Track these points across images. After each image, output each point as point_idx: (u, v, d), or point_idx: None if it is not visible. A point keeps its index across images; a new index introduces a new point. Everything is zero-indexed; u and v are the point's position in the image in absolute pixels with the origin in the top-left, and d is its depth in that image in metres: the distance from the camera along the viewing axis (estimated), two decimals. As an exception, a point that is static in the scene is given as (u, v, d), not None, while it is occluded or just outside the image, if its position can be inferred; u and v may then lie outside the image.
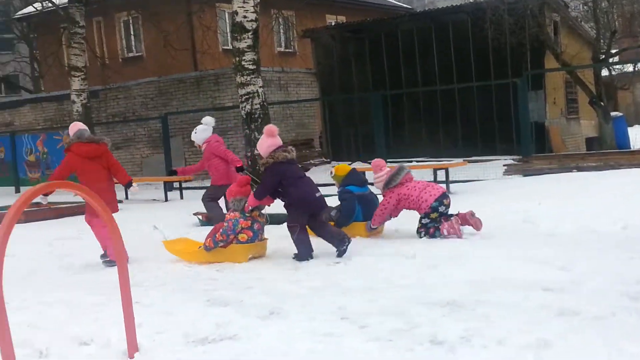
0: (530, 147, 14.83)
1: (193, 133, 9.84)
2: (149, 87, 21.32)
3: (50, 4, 20.77)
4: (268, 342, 4.03)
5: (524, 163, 14.19)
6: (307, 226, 6.83)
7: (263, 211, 7.16)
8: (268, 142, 6.69)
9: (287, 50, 25.74)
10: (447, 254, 6.24)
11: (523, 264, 5.66)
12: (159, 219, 10.37)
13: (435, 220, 7.27)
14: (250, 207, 6.84)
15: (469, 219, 7.27)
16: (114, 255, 6.83)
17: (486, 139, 18.54)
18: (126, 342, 4.06)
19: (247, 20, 13.91)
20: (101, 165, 7.57)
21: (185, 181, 15.95)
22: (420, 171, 13.20)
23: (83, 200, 7.34)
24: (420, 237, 7.28)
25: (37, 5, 24.12)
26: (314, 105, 21.25)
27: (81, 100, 17.73)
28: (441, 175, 11.80)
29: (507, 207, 8.75)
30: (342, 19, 26.39)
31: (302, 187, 6.69)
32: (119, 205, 8.08)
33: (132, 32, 25.22)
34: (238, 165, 9.40)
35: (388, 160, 14.97)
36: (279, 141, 6.71)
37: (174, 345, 4.15)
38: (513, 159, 15.89)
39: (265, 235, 7.13)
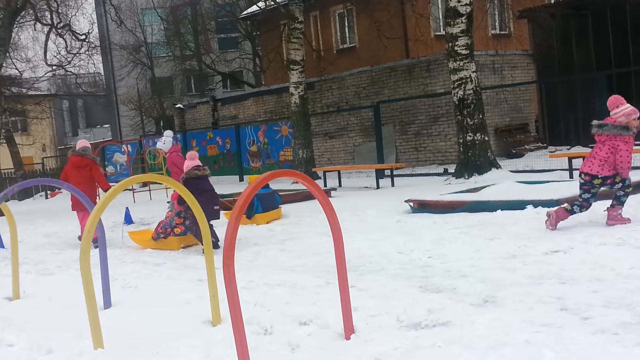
0: None
1: (162, 143, 12.03)
2: (361, 76, 21.79)
3: (272, 2, 21.96)
4: (483, 330, 3.94)
5: None
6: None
7: None
8: (188, 163, 8.69)
9: (501, 32, 24.92)
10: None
11: None
12: (371, 206, 10.59)
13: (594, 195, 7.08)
14: (176, 210, 8.66)
15: None
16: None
17: None
18: (343, 324, 4.19)
19: (461, 5, 13.67)
20: (83, 174, 9.77)
21: (397, 168, 16.10)
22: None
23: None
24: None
25: (261, 4, 25.64)
26: (529, 89, 20.37)
27: (299, 92, 18.58)
28: (676, 160, 10.76)
29: None
30: (561, -5, 24.98)
31: (203, 199, 7.92)
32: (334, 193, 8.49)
33: (346, 24, 25.91)
34: None
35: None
36: (196, 162, 8.69)
37: (388, 329, 4.22)
38: None
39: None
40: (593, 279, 4.88)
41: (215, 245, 8.01)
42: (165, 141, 12.01)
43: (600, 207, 8.09)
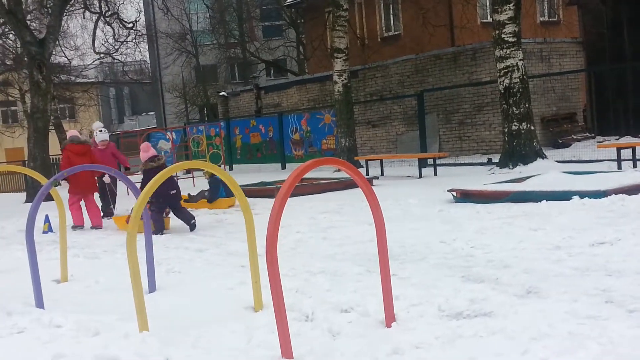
0: None
1: (103, 133, 12.31)
2: (405, 64, 21.63)
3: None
4: (526, 321, 3.90)
5: None
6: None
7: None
8: (144, 155, 9.54)
9: (550, 19, 24.45)
10: None
11: None
12: (413, 195, 10.57)
13: None
14: None
15: None
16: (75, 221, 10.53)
17: None
18: (384, 312, 4.20)
19: (509, -9, 13.46)
20: (85, 160, 10.45)
21: (440, 157, 15.98)
22: None
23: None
24: None
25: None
26: (578, 77, 19.97)
27: (342, 81, 18.54)
28: None
29: None
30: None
31: (161, 186, 8.38)
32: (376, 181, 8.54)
33: (391, 12, 25.72)
34: (127, 166, 12.91)
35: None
36: (152, 153, 9.59)
37: (429, 318, 4.21)
38: None
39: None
40: (640, 272, 4.79)
41: (191, 221, 9.29)
42: (105, 131, 12.51)
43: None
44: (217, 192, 11.70)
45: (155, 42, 39.88)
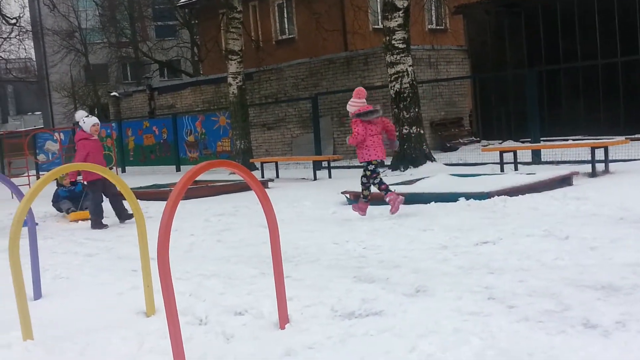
0: None
1: (90, 117, 10.08)
2: (300, 68, 21.82)
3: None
4: (414, 319, 4.04)
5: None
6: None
7: None
8: None
9: (438, 27, 25.34)
10: (605, 236, 5.93)
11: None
12: (307, 198, 10.69)
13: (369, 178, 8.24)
14: None
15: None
16: None
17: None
18: (277, 314, 4.23)
19: (398, -1, 13.85)
20: None
21: (334, 160, 16.23)
22: (577, 150, 12.61)
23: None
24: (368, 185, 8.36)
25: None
26: (464, 83, 20.81)
27: (237, 83, 18.48)
28: (600, 154, 11.18)
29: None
30: (496, -7, 25.53)
31: None
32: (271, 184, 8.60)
33: (285, 15, 25.87)
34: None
35: (542, 139, 14.46)
36: None
37: (322, 319, 4.28)
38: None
39: None
40: (519, 269, 5.05)
41: None
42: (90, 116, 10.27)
43: (531, 199, 8.38)
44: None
45: (41, 39, 38.26)
